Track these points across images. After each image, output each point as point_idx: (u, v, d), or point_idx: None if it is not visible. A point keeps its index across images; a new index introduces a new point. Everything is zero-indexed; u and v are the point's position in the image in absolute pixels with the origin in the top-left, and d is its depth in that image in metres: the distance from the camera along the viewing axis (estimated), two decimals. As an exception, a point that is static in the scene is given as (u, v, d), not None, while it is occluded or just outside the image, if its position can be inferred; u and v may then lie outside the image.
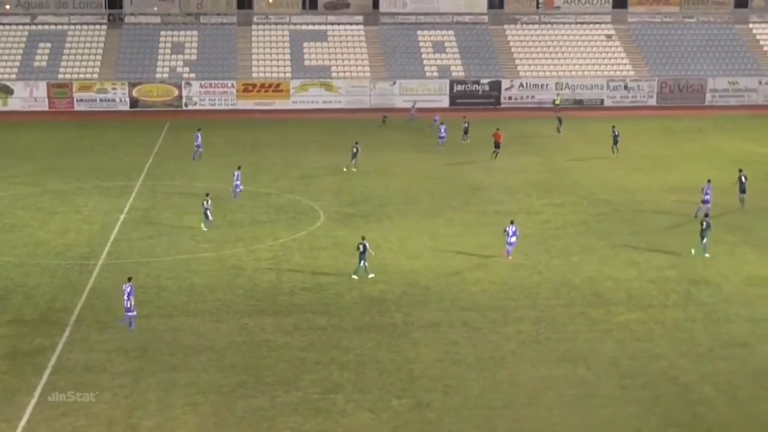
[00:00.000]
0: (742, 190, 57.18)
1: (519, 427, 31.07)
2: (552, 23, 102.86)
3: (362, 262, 44.38)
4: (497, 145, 69.87)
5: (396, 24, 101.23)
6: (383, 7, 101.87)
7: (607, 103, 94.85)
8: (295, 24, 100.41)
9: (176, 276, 44.66)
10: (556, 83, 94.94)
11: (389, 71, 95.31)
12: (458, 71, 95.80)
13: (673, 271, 45.71)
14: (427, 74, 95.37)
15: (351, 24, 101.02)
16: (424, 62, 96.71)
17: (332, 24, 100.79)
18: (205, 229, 51.61)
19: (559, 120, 78.69)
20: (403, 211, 55.69)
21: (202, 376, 34.31)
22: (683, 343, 37.34)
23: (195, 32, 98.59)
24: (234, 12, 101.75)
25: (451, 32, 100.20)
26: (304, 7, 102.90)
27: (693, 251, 48.09)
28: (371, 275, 44.41)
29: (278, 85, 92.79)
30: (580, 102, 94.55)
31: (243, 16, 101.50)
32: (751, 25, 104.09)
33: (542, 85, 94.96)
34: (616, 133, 71.22)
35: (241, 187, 57.95)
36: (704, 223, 48.13)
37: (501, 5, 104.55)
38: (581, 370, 35.09)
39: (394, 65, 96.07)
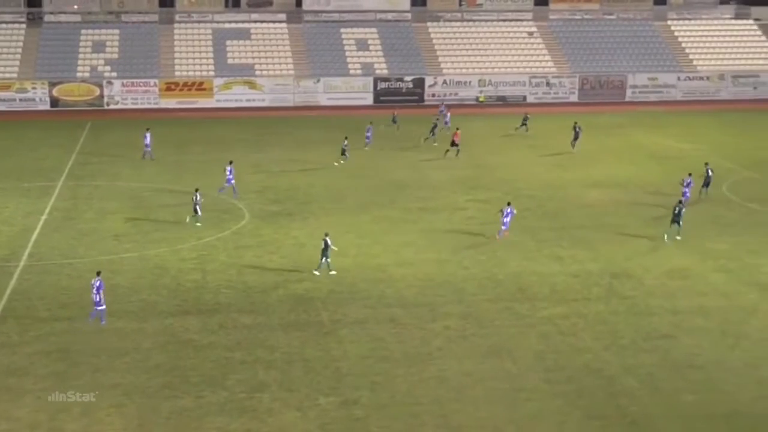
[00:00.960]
0: (706, 184, 58.10)
1: (446, 422, 31.24)
2: (474, 20, 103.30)
3: (324, 258, 44.40)
4: (453, 144, 70.26)
5: (319, 22, 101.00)
6: (306, 5, 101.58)
7: (530, 99, 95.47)
8: (217, 22, 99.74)
9: (100, 277, 44.22)
10: (479, 80, 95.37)
11: (313, 69, 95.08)
12: (382, 69, 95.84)
13: (596, 264, 46.25)
14: (351, 72, 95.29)
15: (274, 22, 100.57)
16: (348, 60, 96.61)
17: (255, 22, 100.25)
18: (198, 224, 51.78)
19: (525, 118, 78.32)
20: (329, 209, 55.64)
21: (126, 378, 34.03)
22: (606, 336, 37.80)
23: (116, 31, 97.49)
24: (156, 10, 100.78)
25: (374, 30, 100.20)
26: (226, 5, 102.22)
27: (666, 237, 49.78)
28: (333, 272, 44.47)
29: (201, 83, 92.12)
30: (503, 99, 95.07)
31: (165, 14, 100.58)
32: (669, 22, 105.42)
33: (465, 82, 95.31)
34: (578, 129, 71.70)
35: (233, 181, 57.96)
36: (677, 209, 49.98)
37: (424, 3, 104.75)
38: (507, 364, 35.38)
39: (317, 63, 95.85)
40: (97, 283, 38.60)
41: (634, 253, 48.02)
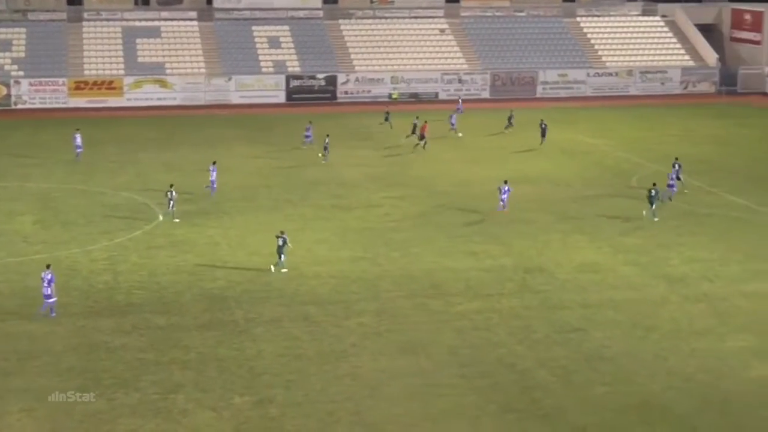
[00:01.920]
0: (677, 178, 58.79)
1: (361, 419, 31.28)
2: (386, 18, 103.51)
3: (281, 255, 44.32)
4: (422, 137, 70.49)
5: (231, 20, 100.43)
6: (217, 2, 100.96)
7: (442, 96, 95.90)
8: (127, 20, 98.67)
9: (8, 279, 43.54)
10: (392, 77, 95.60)
11: (224, 67, 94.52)
12: (294, 66, 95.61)
13: (509, 260, 46.64)
14: (263, 70, 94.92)
15: (185, 20, 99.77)
16: (260, 58, 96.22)
17: (166, 20, 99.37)
18: (160, 218, 51.93)
19: (510, 116, 78.04)
20: (242, 208, 55.37)
21: (38, 381, 33.54)
22: (520, 331, 38.13)
23: (23, 29, 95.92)
24: (63, 8, 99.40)
25: (286, 27, 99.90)
26: (136, 3, 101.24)
27: (644, 213, 52.66)
28: (284, 270, 44.32)
29: (111, 82, 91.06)
30: (415, 95, 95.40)
31: (73, 12, 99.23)
32: (578, 19, 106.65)
33: (378, 80, 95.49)
34: (544, 126, 72.12)
35: (215, 183, 58.09)
36: (653, 192, 52.50)
37: (335, 0, 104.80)
38: (422, 360, 35.52)
39: (229, 61, 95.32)
40: (48, 276, 38.82)
41: (547, 248, 48.52)
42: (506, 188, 54.78)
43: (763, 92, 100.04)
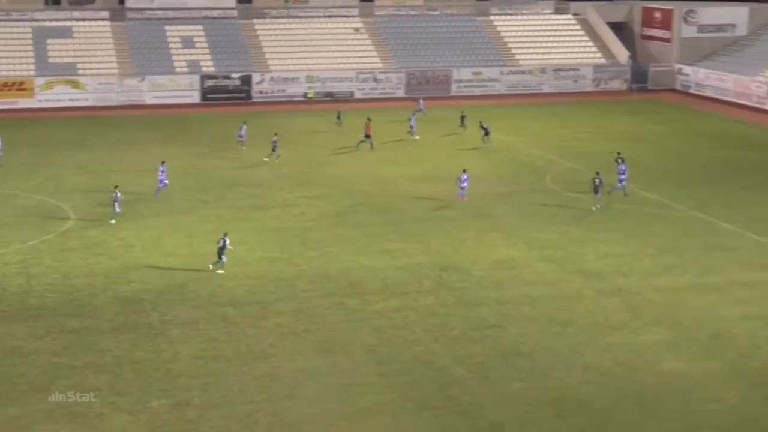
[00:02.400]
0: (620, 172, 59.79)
1: (279, 419, 31.20)
2: (301, 17, 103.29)
3: (222, 256, 44.04)
4: (367, 136, 70.63)
5: (143, 19, 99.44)
6: (130, 2, 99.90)
7: (358, 95, 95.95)
8: (38, 20, 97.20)
9: None
10: (307, 76, 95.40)
11: (137, 67, 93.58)
12: (208, 66, 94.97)
13: (425, 258, 46.82)
14: (177, 70, 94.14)
15: (97, 20, 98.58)
16: (174, 58, 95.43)
17: (77, 20, 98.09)
18: (112, 222, 51.56)
19: (462, 117, 77.77)
20: (157, 209, 54.86)
21: (-51, 388, 32.95)
22: (437, 328, 38.30)
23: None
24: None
25: (200, 27, 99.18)
26: (46, 3, 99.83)
27: (594, 208, 54.43)
28: (220, 271, 44.05)
29: (22, 83, 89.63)
30: (331, 95, 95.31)
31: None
32: (492, 17, 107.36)
33: (293, 79, 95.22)
34: (485, 126, 72.14)
35: (166, 182, 57.25)
36: (597, 180, 54.33)
37: (249, 0, 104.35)
38: (340, 359, 35.53)
39: (142, 61, 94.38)
40: None
41: (462, 245, 48.79)
42: (465, 177, 56.19)
43: (673, 89, 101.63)
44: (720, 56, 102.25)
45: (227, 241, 44.55)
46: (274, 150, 66.74)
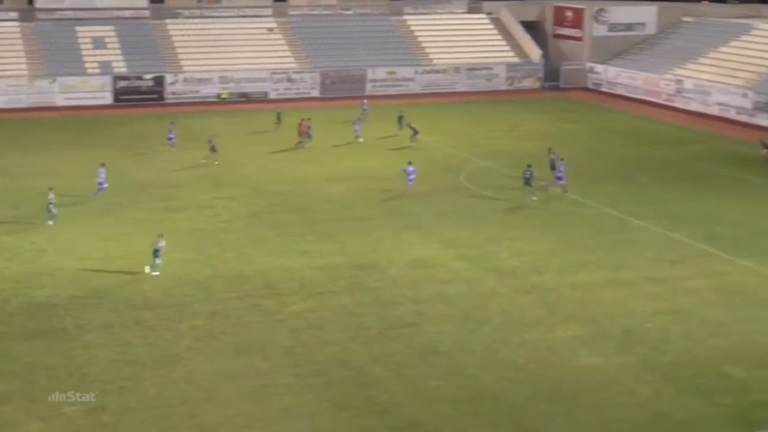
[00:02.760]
0: (553, 167, 60.77)
1: (197, 422, 31.03)
2: (214, 17, 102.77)
3: (156, 258, 43.75)
4: (300, 134, 70.69)
5: (53, 20, 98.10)
6: (39, 3, 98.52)
7: (272, 95, 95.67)
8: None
9: None
10: (221, 77, 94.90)
11: (48, 69, 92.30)
12: (120, 67, 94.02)
13: (341, 257, 46.86)
14: (89, 71, 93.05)
15: (5, 20, 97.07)
16: (85, 59, 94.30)
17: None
18: (50, 223, 50.78)
19: (400, 117, 77.23)
20: (70, 212, 54.09)
21: None
22: (353, 328, 38.37)
23: None
24: None
25: (111, 28, 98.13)
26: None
27: (533, 198, 56.35)
28: (155, 273, 43.72)
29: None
30: (245, 95, 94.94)
31: None
32: (405, 17, 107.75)
33: (207, 79, 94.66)
34: (413, 127, 71.91)
35: (105, 185, 56.64)
36: (527, 173, 56.35)
37: (161, 0, 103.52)
38: (257, 361, 35.43)
39: (53, 62, 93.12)
40: None
41: (378, 244, 48.92)
42: (411, 169, 57.66)
43: (585, 87, 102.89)
44: (630, 55, 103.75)
45: (161, 243, 44.26)
46: (213, 151, 66.13)
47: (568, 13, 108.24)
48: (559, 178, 58.42)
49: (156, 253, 44.17)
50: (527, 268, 45.63)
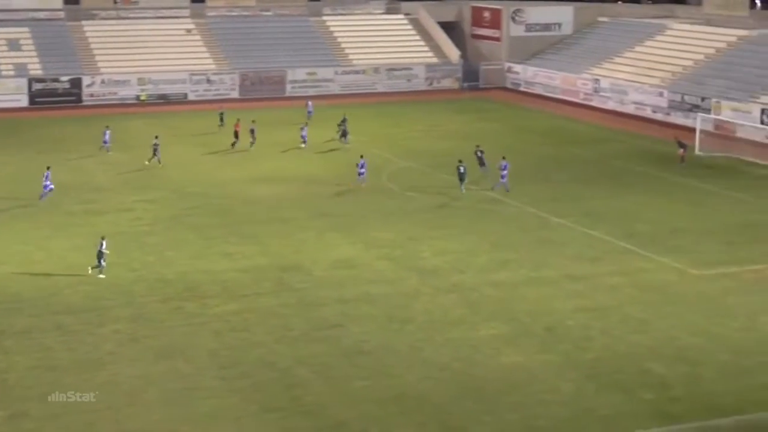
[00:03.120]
0: (481, 163, 61.76)
1: (120, 427, 30.78)
2: (131, 18, 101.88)
3: (101, 260, 43.32)
4: (236, 135, 70.60)
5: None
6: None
7: (191, 96, 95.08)
8: None
9: None
10: (139, 79, 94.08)
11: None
12: (36, 69, 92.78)
13: (265, 259, 46.76)
14: (4, 73, 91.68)
15: None
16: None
17: None
18: None
19: (344, 132, 76.55)
20: (-13, 217, 53.45)
21: None
22: (278, 329, 38.32)
23: None
24: None
25: (26, 29, 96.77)
26: None
27: (462, 190, 58.22)
28: (101, 276, 43.38)
29: None
30: (164, 97, 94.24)
31: None
32: (324, 18, 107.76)
33: (125, 81, 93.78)
34: (344, 128, 71.55)
35: (51, 186, 55.79)
36: (461, 168, 58.17)
37: (77, 1, 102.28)
38: (180, 364, 35.22)
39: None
40: None
41: (302, 245, 48.88)
42: (362, 162, 59.82)
43: (503, 87, 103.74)
44: (547, 54, 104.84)
45: (104, 245, 43.89)
46: (155, 154, 65.38)
47: (486, 14, 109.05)
48: (503, 177, 58.62)
49: (100, 255, 43.77)
50: (449, 267, 45.91)
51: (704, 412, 31.68)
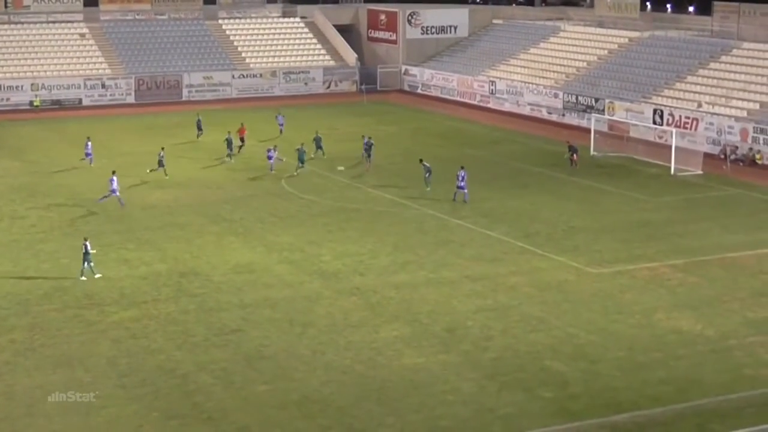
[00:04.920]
0: (368, 155, 64.10)
1: (19, 439, 30.26)
2: (23, 23, 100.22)
3: (86, 263, 42.90)
4: (242, 140, 70.10)
5: None
6: None
7: (86, 102, 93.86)
8: None
9: None
10: (32, 84, 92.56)
11: None
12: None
13: (164, 265, 46.31)
14: None
15: None
16: None
17: None
18: None
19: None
20: None
21: None
22: (178, 336, 37.97)
23: None
24: None
25: None
26: None
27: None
28: (98, 275, 43.06)
29: None
30: (58, 102, 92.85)
31: None
32: (220, 21, 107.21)
33: (17, 87, 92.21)
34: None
35: (117, 191, 55.82)
36: (426, 168, 60.07)
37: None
38: (79, 373, 34.70)
39: None
40: None
41: (201, 251, 48.53)
42: (272, 151, 62.63)
43: (401, 89, 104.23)
44: (444, 57, 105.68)
45: (88, 246, 43.43)
46: (160, 165, 63.93)
47: (382, 17, 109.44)
48: (461, 188, 57.73)
49: (85, 257, 43.49)
50: (350, 270, 45.96)
51: (603, 408, 32.16)
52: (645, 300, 42.21)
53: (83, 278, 43.62)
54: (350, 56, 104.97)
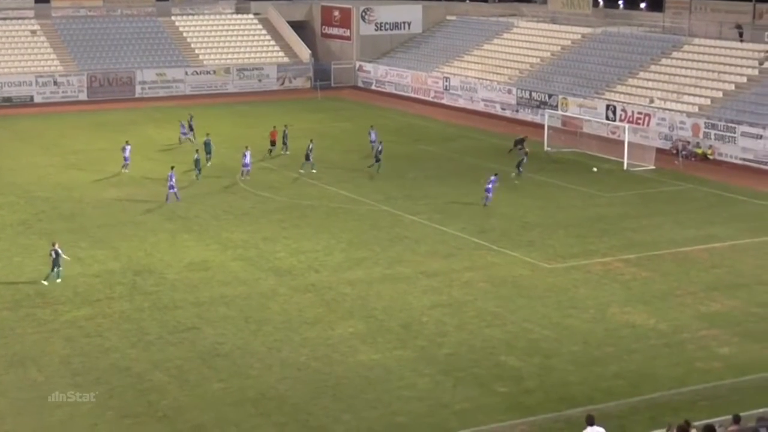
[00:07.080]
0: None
1: (-29, 439, 29.99)
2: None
3: (56, 267, 42.48)
4: (273, 143, 69.46)
5: None
6: None
7: (38, 99, 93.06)
8: None
9: None
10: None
11: None
12: None
13: (117, 263, 46.05)
14: None
15: None
16: None
17: None
18: None
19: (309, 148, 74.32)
20: None
21: None
22: (132, 334, 37.78)
23: None
24: None
25: None
26: None
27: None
28: (59, 280, 42.45)
29: None
30: (9, 100, 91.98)
31: None
32: (173, 18, 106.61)
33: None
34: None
35: (174, 188, 55.73)
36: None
37: None
38: (32, 372, 34.44)
39: None
40: None
41: (155, 248, 48.29)
42: (247, 154, 62.10)
43: (355, 86, 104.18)
44: (398, 53, 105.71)
45: (59, 251, 43.05)
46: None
47: (336, 13, 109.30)
48: (488, 191, 56.43)
49: (55, 262, 43.04)
50: (305, 266, 45.92)
51: (557, 402, 32.34)
52: (599, 295, 42.49)
53: (45, 282, 43.06)
54: (304, 53, 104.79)
